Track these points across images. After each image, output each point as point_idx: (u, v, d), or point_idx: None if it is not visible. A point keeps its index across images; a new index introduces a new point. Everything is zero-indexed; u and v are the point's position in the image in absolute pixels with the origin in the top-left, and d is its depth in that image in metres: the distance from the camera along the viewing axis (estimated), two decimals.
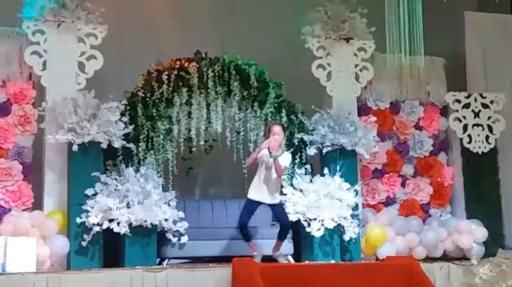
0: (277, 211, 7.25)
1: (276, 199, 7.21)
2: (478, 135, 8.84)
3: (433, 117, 9.02)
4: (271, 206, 7.22)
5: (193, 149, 7.92)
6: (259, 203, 7.16)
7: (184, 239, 7.37)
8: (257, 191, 7.14)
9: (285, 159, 7.20)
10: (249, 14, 9.12)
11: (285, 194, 7.59)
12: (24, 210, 7.35)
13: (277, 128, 7.15)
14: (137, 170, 7.41)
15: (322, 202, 7.57)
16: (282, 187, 7.45)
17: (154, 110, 7.71)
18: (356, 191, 7.86)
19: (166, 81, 7.75)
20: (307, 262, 7.47)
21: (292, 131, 8.05)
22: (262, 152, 7.07)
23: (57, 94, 7.43)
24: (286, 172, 7.46)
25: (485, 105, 8.94)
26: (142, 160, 7.58)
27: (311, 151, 7.97)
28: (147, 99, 7.72)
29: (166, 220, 7.24)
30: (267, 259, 7.22)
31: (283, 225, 7.23)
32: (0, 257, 6.59)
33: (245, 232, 7.13)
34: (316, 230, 7.49)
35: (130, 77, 7.90)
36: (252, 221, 7.23)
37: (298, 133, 8.05)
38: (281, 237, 7.24)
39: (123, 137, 7.41)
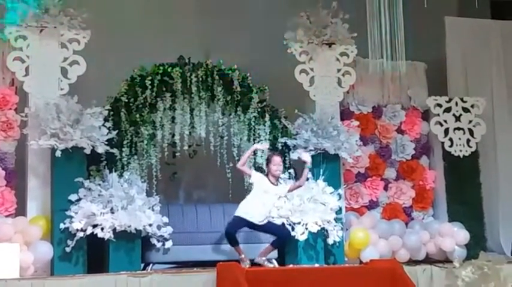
0: (269, 228, 7.20)
1: (264, 219, 7.16)
2: (459, 139, 8.93)
3: (415, 121, 9.09)
4: (260, 226, 7.16)
5: (177, 154, 7.93)
6: (248, 221, 7.10)
7: (168, 244, 7.36)
8: (248, 209, 7.09)
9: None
10: (232, 19, 9.14)
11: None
12: (7, 216, 7.29)
13: (277, 158, 7.19)
14: (121, 176, 7.41)
15: (306, 206, 7.61)
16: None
17: (137, 115, 7.71)
18: (339, 195, 7.91)
19: (149, 87, 7.75)
20: (291, 265, 7.50)
21: (275, 136, 8.09)
22: (260, 181, 7.10)
23: (40, 100, 7.41)
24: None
25: (466, 109, 9.03)
26: (126, 165, 7.58)
27: (294, 155, 8.00)
28: (131, 104, 7.72)
29: (150, 225, 7.23)
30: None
31: (282, 236, 7.24)
32: None
33: (232, 239, 7.10)
34: (300, 234, 7.52)
35: (113, 83, 7.88)
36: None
37: (282, 138, 8.08)
38: (275, 245, 7.23)
39: (106, 143, 7.39)
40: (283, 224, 7.46)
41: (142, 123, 7.71)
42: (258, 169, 7.69)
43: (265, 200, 7.13)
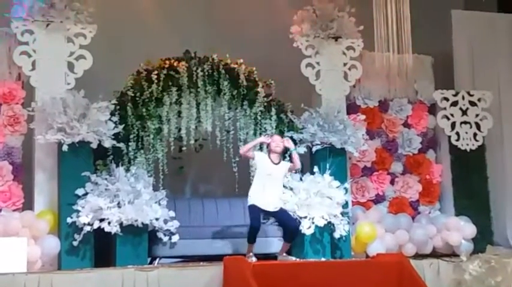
0: (281, 216, 7.23)
1: (278, 205, 7.18)
2: (466, 132, 8.91)
3: (421, 115, 9.08)
4: (274, 213, 7.19)
5: (184, 148, 7.92)
6: (262, 209, 7.10)
7: (175, 238, 7.37)
8: (259, 199, 7.05)
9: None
10: (238, 13, 9.13)
11: None
12: (14, 210, 7.33)
13: (277, 137, 7.22)
14: (127, 170, 7.41)
15: (312, 200, 7.61)
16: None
17: (144, 110, 7.70)
18: (346, 189, 7.90)
19: (155, 81, 7.74)
20: (297, 259, 7.49)
21: (281, 130, 8.07)
22: (262, 160, 7.08)
23: (47, 94, 7.42)
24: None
25: (472, 103, 9.01)
26: (133, 160, 7.58)
27: (301, 149, 7.98)
28: (137, 98, 7.71)
29: (157, 219, 7.25)
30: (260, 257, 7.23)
31: (291, 228, 7.21)
32: None
33: (254, 235, 7.00)
34: (306, 228, 7.52)
35: (119, 77, 7.88)
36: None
37: (288, 132, 8.06)
38: (287, 239, 7.23)
39: (113, 137, 7.40)
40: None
41: (148, 117, 7.71)
42: None
43: (271, 185, 7.06)
